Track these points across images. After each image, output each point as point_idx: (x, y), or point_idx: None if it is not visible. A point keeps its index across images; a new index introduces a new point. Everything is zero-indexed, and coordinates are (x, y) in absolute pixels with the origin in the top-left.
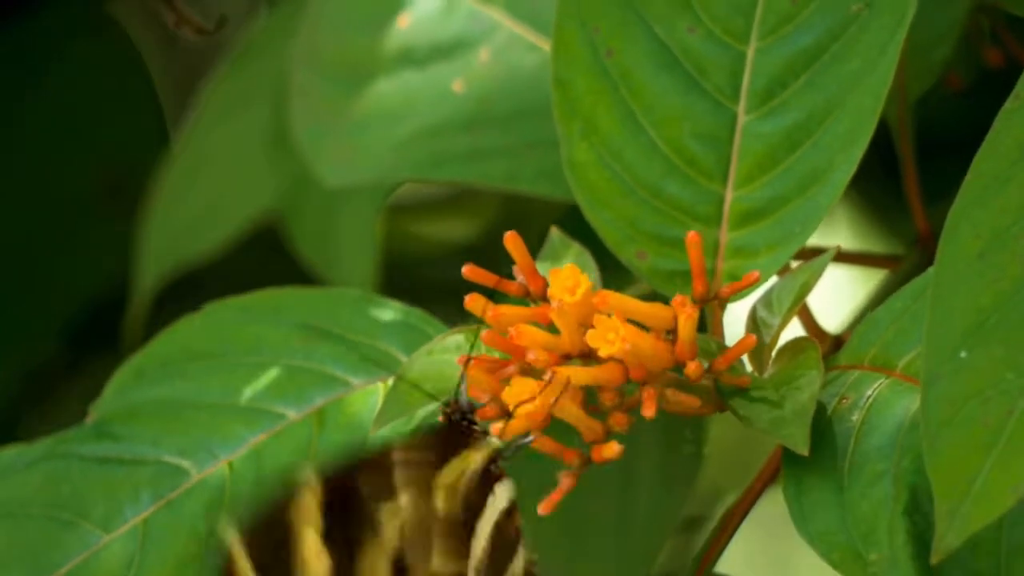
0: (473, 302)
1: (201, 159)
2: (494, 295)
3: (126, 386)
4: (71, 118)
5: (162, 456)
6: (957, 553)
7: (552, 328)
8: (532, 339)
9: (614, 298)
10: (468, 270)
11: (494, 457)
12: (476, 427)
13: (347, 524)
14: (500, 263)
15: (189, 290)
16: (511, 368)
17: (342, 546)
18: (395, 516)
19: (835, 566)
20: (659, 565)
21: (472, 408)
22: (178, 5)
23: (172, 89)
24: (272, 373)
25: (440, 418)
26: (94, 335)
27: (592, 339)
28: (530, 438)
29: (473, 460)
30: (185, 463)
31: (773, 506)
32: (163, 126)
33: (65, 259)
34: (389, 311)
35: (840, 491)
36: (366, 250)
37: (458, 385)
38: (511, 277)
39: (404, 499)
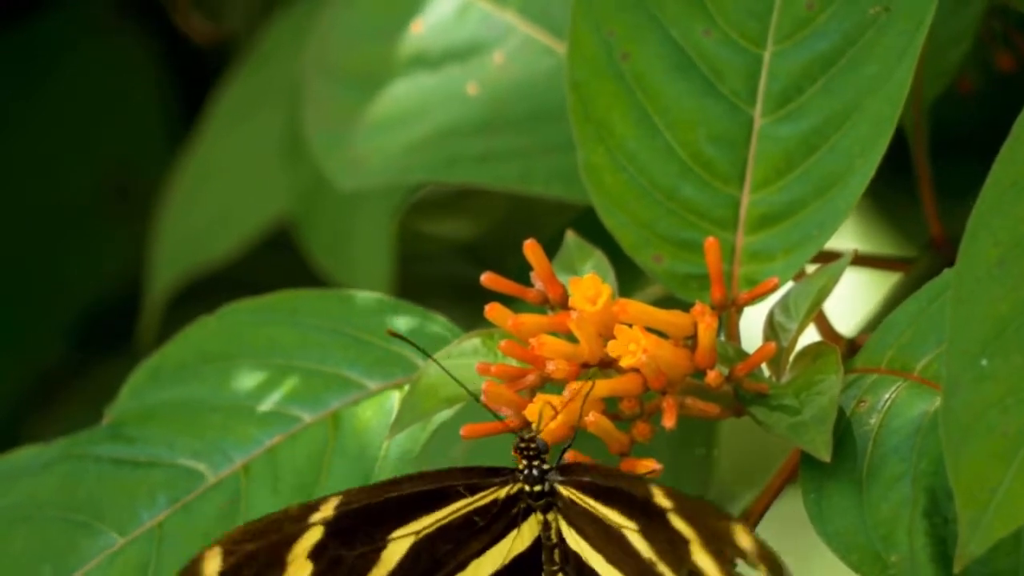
0: (494, 311)
1: (213, 164)
2: (509, 299)
3: (141, 388)
4: (78, 121)
5: (177, 459)
6: None
7: (570, 334)
8: (553, 350)
9: (634, 307)
10: (487, 278)
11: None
12: (546, 468)
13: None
14: (504, 261)
15: (201, 293)
16: (530, 377)
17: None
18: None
19: (854, 568)
20: None
21: (546, 450)
22: (188, 10)
23: (181, 93)
24: (287, 376)
25: (513, 450)
26: (100, 337)
27: (614, 350)
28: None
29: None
30: (200, 466)
31: (789, 506)
32: (170, 129)
33: (70, 261)
34: (405, 315)
35: (859, 493)
36: (381, 253)
37: (539, 424)
38: (520, 277)
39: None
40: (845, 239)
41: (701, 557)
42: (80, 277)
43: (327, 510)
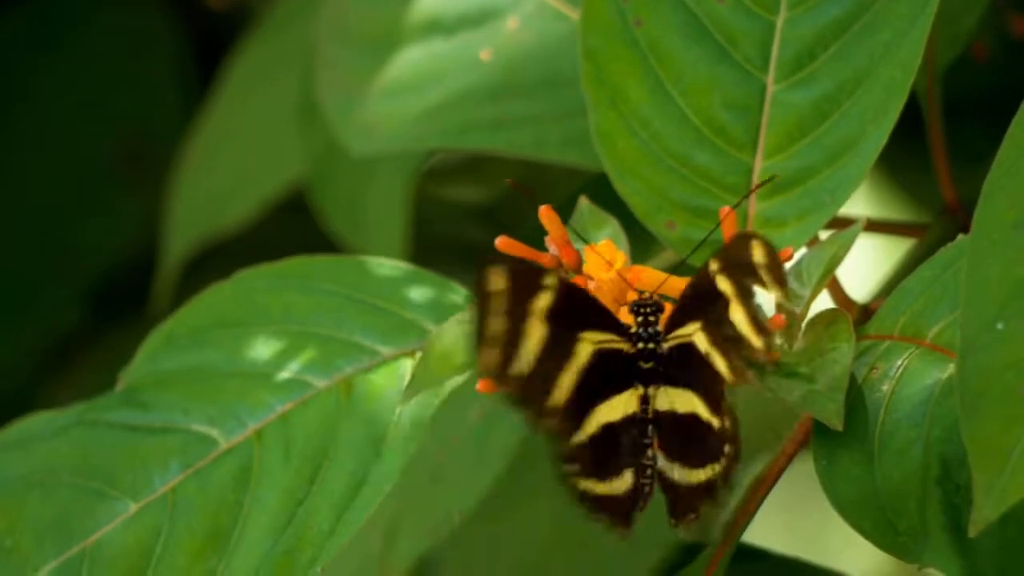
0: None
1: (228, 129)
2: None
3: (156, 353)
4: (92, 86)
5: (191, 425)
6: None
7: None
8: None
9: (647, 273)
10: (502, 242)
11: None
12: (658, 327)
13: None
14: (518, 225)
15: (215, 258)
16: None
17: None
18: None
19: (866, 535)
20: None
21: (662, 309)
22: None
23: (195, 59)
24: (301, 342)
25: (629, 304)
26: (115, 303)
27: (627, 316)
28: None
29: None
30: (214, 432)
31: (801, 472)
32: (185, 95)
33: (85, 227)
34: (420, 283)
35: (871, 461)
36: (395, 218)
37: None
38: (533, 241)
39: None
40: (858, 205)
41: (737, 314)
42: (95, 243)
43: (553, 280)
